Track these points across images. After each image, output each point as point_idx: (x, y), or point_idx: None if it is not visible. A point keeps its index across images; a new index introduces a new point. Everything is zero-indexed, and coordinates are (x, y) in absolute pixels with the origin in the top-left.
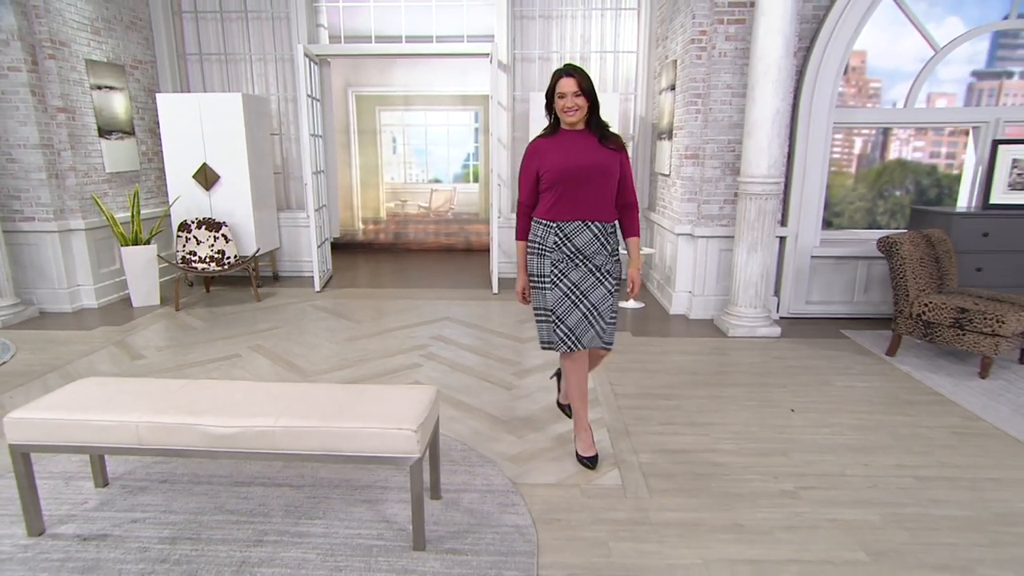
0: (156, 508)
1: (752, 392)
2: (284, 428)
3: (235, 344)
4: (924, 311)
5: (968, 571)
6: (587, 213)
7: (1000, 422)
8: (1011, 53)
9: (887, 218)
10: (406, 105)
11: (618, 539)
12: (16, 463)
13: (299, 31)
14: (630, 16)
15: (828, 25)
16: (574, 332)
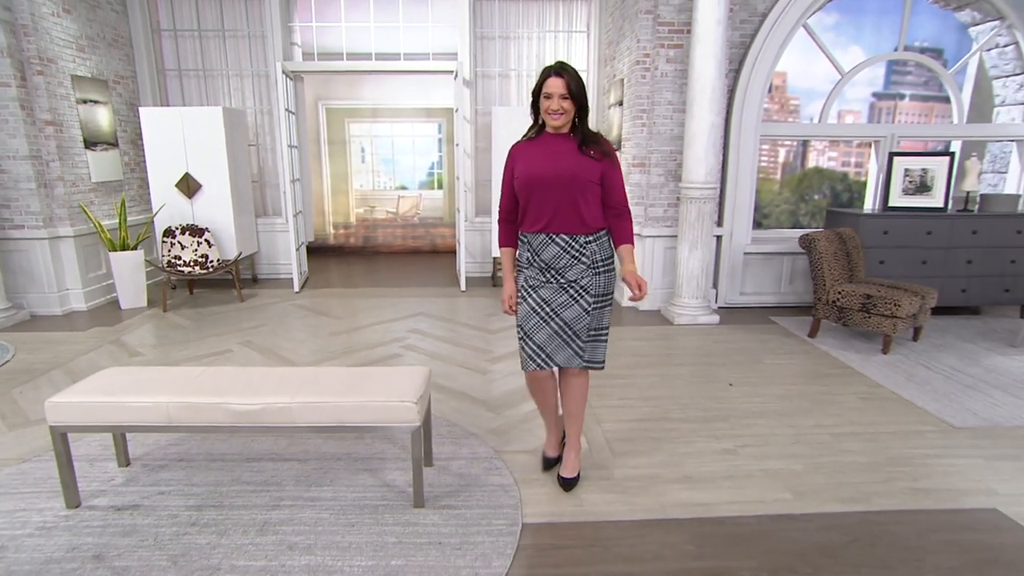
0: (179, 482)
1: (696, 371)
2: (301, 404)
3: (225, 341)
4: (838, 298)
5: (867, 501)
6: (551, 225)
7: (896, 388)
8: (902, 78)
9: (808, 219)
10: (374, 117)
11: (588, 492)
12: (56, 443)
13: (275, 49)
14: (580, 38)
15: (753, 51)
16: (543, 349)
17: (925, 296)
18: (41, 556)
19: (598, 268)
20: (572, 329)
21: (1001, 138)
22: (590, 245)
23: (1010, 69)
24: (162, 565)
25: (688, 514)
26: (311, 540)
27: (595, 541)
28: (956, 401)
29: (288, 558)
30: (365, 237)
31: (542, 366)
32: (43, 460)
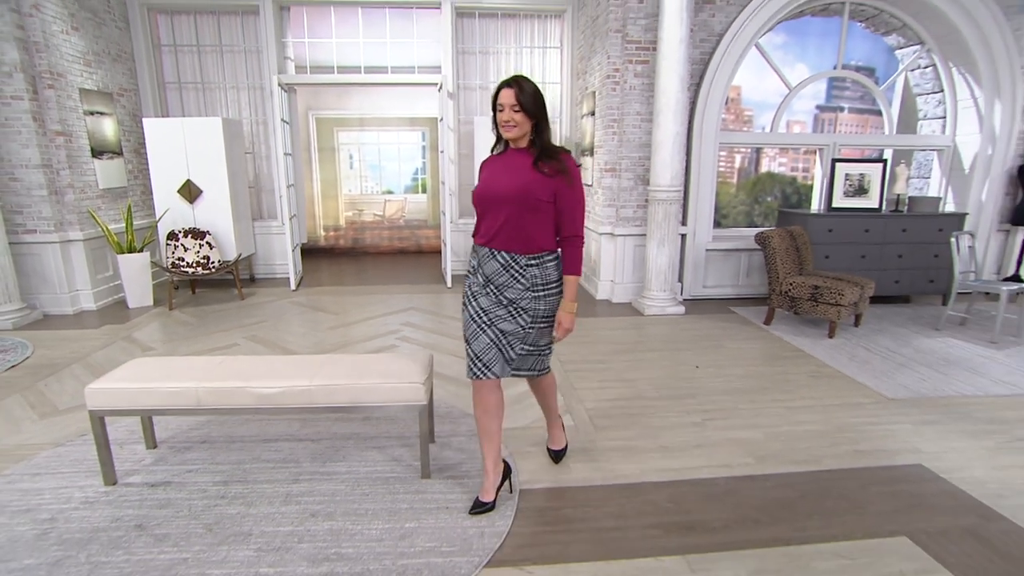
0: (204, 461)
1: (665, 355)
2: (320, 386)
3: (231, 335)
4: (790, 289)
5: (817, 462)
6: (494, 240)
7: (841, 367)
8: (841, 93)
9: (761, 219)
10: (361, 126)
11: (576, 461)
12: (95, 426)
13: (270, 63)
14: (554, 53)
15: (711, 67)
16: (480, 359)
17: (864, 287)
18: (88, 526)
19: (538, 292)
20: (506, 339)
21: (924, 147)
22: (531, 268)
23: (930, 87)
24: (199, 532)
25: (665, 478)
26: (331, 508)
27: (585, 502)
28: (890, 377)
29: (312, 524)
30: (354, 239)
31: (479, 375)
32: (76, 444)
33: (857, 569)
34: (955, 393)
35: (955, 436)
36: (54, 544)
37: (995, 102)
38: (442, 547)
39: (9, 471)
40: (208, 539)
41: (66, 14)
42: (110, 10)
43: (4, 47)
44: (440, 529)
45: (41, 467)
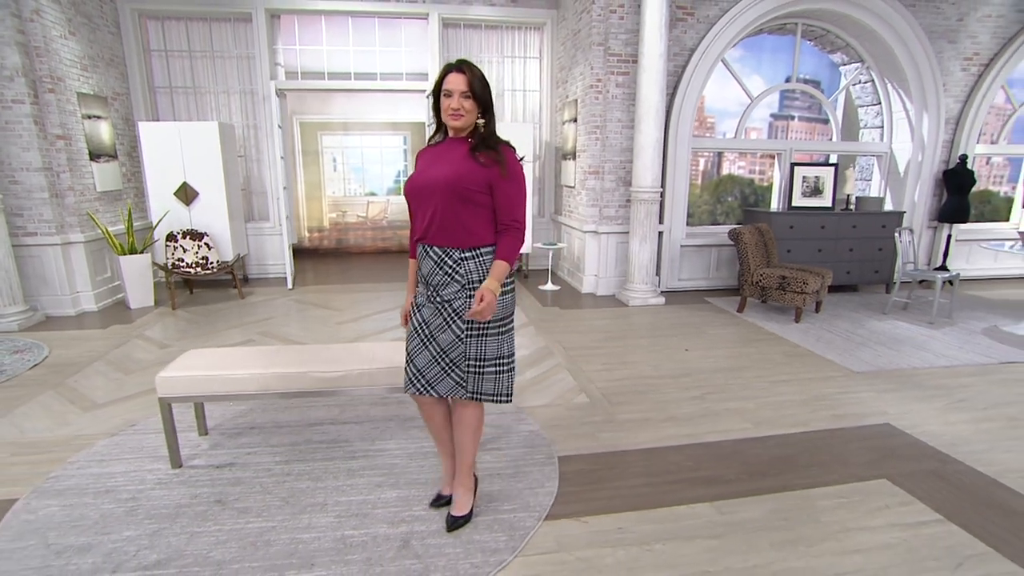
0: (259, 444)
1: (655, 341)
2: (380, 369)
3: (243, 332)
4: (760, 279)
5: (805, 425)
6: (424, 236)
7: (810, 347)
8: (792, 103)
9: (724, 217)
10: (345, 130)
11: (600, 432)
12: (164, 412)
13: (263, 69)
14: (534, 63)
15: (685, 78)
16: (423, 375)
17: (824, 276)
18: (171, 503)
19: (474, 288)
20: (449, 356)
21: (866, 153)
22: (466, 262)
23: (870, 100)
24: (276, 505)
25: (679, 442)
26: (393, 479)
27: (616, 465)
28: (853, 354)
29: (381, 492)
30: (338, 239)
31: (421, 391)
32: (128, 434)
33: (853, 505)
34: (907, 366)
35: (911, 400)
36: (144, 518)
37: (923, 115)
38: (503, 505)
39: (74, 459)
40: (287, 510)
41: (64, 19)
42: (103, 15)
43: (5, 51)
44: (497, 492)
45: (103, 455)
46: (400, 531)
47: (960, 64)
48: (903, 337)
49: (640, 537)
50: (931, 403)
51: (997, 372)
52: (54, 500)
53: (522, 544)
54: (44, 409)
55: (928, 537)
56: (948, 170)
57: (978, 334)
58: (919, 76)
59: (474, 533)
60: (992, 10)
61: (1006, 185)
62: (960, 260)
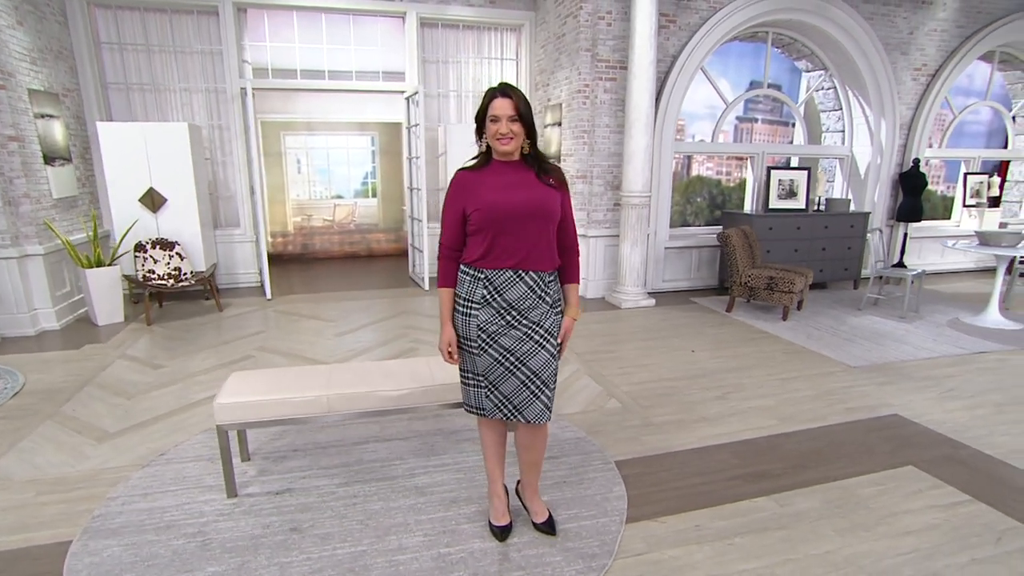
0: (310, 468)
1: (660, 343)
2: (443, 386)
3: (239, 347)
4: (749, 280)
5: (824, 420)
6: (523, 261)
7: (804, 344)
8: (756, 106)
9: (693, 218)
10: (309, 130)
11: (643, 435)
12: (221, 440)
13: (230, 66)
14: (510, 64)
15: (668, 85)
16: (510, 400)
17: (807, 276)
18: (244, 535)
19: (558, 307)
20: (540, 378)
21: (829, 156)
22: (553, 284)
23: (831, 105)
24: (357, 528)
25: (719, 441)
26: (466, 494)
27: (670, 466)
28: (844, 350)
29: (458, 508)
30: (303, 244)
31: (509, 417)
32: (162, 464)
33: (891, 491)
34: (895, 359)
35: (908, 392)
36: (223, 552)
37: (881, 120)
38: (582, 512)
39: (114, 495)
40: (371, 533)
41: (10, 7)
42: (49, 3)
43: None
44: (572, 499)
45: (145, 488)
46: (494, 544)
47: (911, 74)
48: (882, 332)
49: (718, 533)
50: (926, 393)
51: (973, 362)
52: (113, 540)
53: (615, 547)
54: (51, 442)
55: (965, 516)
56: (903, 173)
57: (944, 326)
58: (877, 84)
59: (566, 541)
60: (937, 25)
61: (941, 185)
62: (912, 256)
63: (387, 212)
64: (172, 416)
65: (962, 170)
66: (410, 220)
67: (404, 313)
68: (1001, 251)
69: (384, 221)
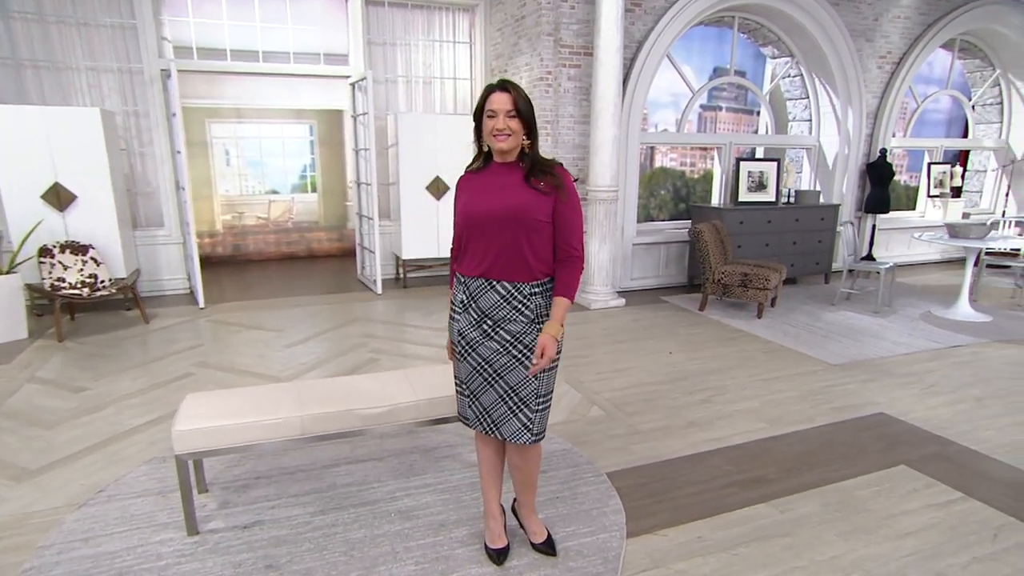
0: (279, 496)
1: (635, 345)
2: (427, 400)
3: (174, 364)
4: (722, 277)
5: (811, 421)
6: (491, 270)
7: (782, 342)
8: (720, 94)
9: (657, 211)
10: (238, 118)
11: (632, 444)
12: (182, 472)
13: (147, 43)
14: (463, 48)
15: (634, 73)
16: (489, 414)
17: (781, 272)
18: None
19: (543, 323)
20: (518, 395)
21: (796, 146)
22: (535, 297)
23: (798, 94)
24: (341, 561)
25: (711, 447)
26: (455, 516)
27: (663, 476)
28: (823, 347)
29: (449, 532)
30: (234, 245)
31: (488, 432)
32: (100, 503)
33: (887, 492)
34: (873, 356)
35: (890, 389)
36: None
37: (848, 109)
38: (580, 529)
39: (46, 542)
40: (357, 565)
41: None
42: None
43: None
44: (568, 515)
45: (84, 531)
46: (492, 569)
47: (876, 62)
48: (859, 327)
49: (722, 543)
50: (908, 390)
51: (949, 356)
52: None
53: (619, 564)
54: None
55: (960, 514)
56: (870, 163)
57: (918, 320)
58: (844, 72)
59: (568, 560)
60: (901, 12)
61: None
62: (880, 248)
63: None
64: (106, 446)
65: (926, 160)
66: (358, 218)
67: (358, 320)
68: (971, 243)
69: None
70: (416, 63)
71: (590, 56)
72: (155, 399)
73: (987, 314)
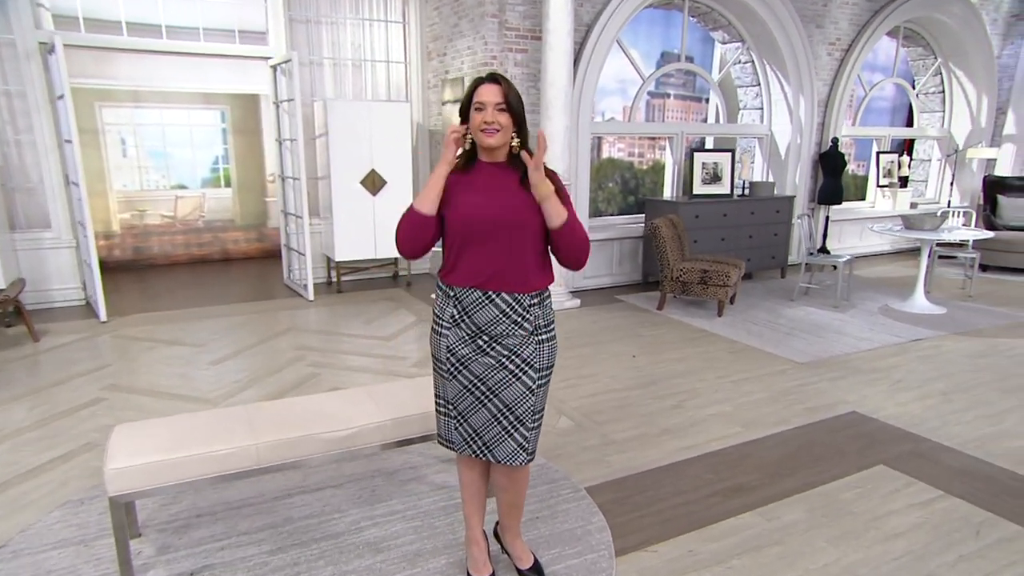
0: (227, 535)
1: (597, 349)
2: (394, 420)
3: (79, 389)
4: (681, 274)
5: (787, 423)
6: (491, 281)
7: (747, 342)
8: (667, 80)
9: (606, 205)
10: (136, 102)
11: (607, 455)
12: (118, 516)
13: (20, 12)
14: (396, 28)
15: (584, 58)
16: (480, 436)
17: (740, 267)
18: None
19: (541, 335)
20: (514, 413)
21: (748, 135)
22: (534, 308)
23: (749, 81)
24: None
25: (688, 455)
26: (430, 544)
27: (645, 487)
28: (788, 345)
29: (426, 562)
30: (135, 248)
31: (478, 454)
32: (3, 560)
33: (869, 492)
34: (839, 352)
35: (859, 386)
36: None
37: (800, 97)
38: (566, 550)
39: None
40: None
41: None
42: None
43: None
44: (549, 537)
45: None
46: None
47: (826, 48)
48: (820, 323)
49: (714, 556)
50: (877, 387)
51: (912, 350)
52: None
53: None
54: None
55: (942, 512)
56: (822, 153)
57: (877, 314)
58: (795, 58)
59: None
60: None
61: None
62: (832, 240)
63: (245, 205)
64: (3, 491)
65: (874, 149)
66: (283, 215)
67: (290, 331)
68: (925, 235)
69: (242, 216)
70: (344, 44)
71: (538, 40)
72: (59, 431)
73: (941, 306)
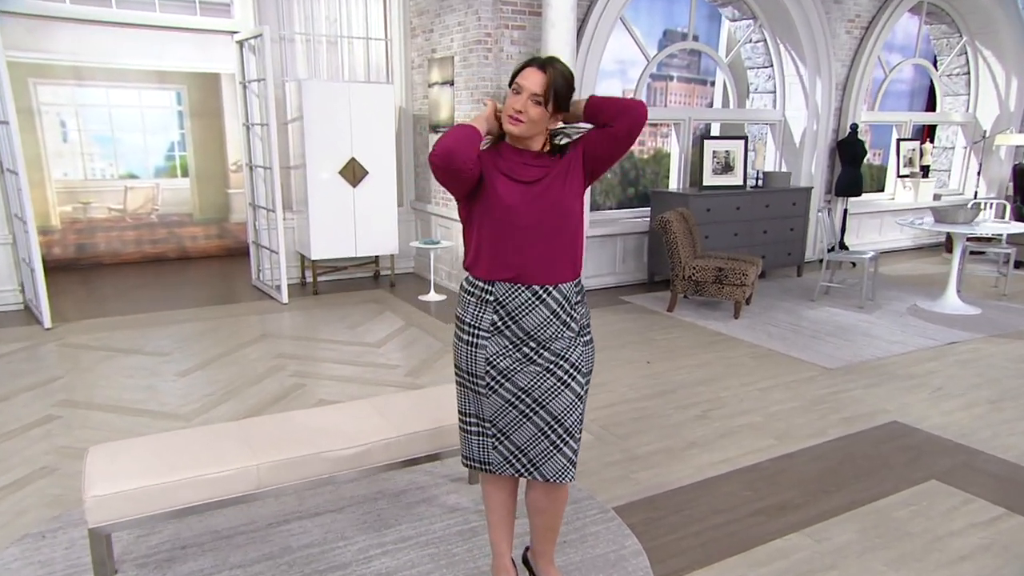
0: (218, 569)
1: (608, 355)
2: (406, 436)
3: (24, 406)
4: (694, 273)
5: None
6: (539, 274)
7: (769, 346)
8: (671, 61)
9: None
10: (78, 79)
11: (633, 471)
12: (98, 550)
13: None
14: (377, 1)
15: (586, 37)
16: (525, 453)
17: (757, 265)
18: None
19: (584, 335)
20: (563, 425)
21: (759, 121)
22: (580, 306)
23: (761, 62)
24: None
25: (721, 470)
26: (449, 574)
27: (679, 507)
28: (815, 349)
29: None
30: (78, 245)
31: (522, 474)
32: None
33: (925, 511)
34: (870, 357)
35: (897, 393)
36: None
37: (817, 79)
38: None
39: None
40: None
41: None
42: None
43: None
44: (580, 563)
45: None
46: None
47: (844, 26)
48: (846, 325)
49: None
50: (916, 394)
51: (949, 354)
52: None
53: None
54: None
55: (1009, 532)
56: (840, 140)
57: (906, 315)
58: (812, 37)
59: None
60: None
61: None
62: (851, 235)
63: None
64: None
65: (894, 136)
66: (251, 209)
67: (265, 337)
68: (958, 229)
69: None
70: (318, 18)
71: (537, 16)
72: (7, 454)
73: (975, 306)
